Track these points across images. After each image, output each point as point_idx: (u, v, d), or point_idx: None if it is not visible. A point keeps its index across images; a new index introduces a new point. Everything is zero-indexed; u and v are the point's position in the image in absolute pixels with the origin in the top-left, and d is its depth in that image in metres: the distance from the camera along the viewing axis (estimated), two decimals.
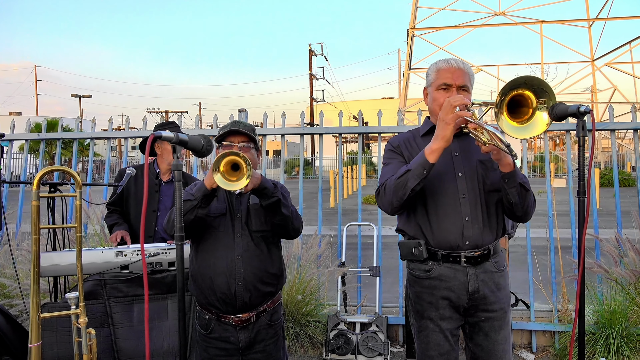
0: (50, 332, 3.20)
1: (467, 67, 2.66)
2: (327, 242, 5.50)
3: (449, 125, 2.36)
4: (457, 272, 2.60)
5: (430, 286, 2.65)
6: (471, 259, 2.58)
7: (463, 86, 2.61)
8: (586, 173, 2.35)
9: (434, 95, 2.67)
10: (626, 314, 4.55)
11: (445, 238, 2.58)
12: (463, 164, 2.64)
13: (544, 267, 5.41)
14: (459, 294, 2.60)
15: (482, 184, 2.61)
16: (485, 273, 2.62)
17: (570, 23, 27.08)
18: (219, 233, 2.76)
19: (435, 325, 2.64)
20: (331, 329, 4.97)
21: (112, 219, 4.16)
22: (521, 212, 2.59)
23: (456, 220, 2.57)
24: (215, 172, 2.42)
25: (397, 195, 2.51)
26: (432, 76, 2.70)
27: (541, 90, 2.14)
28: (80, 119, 7.20)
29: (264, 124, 5.99)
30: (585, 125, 2.31)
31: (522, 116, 2.21)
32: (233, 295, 2.69)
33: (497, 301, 2.65)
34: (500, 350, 2.67)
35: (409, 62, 26.59)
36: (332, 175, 22.93)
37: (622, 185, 5.21)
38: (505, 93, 2.13)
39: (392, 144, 2.83)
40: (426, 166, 2.43)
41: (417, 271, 2.71)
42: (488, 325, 2.66)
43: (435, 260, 2.63)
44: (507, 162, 2.41)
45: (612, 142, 5.34)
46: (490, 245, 2.63)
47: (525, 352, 4.97)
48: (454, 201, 2.59)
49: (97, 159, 34.30)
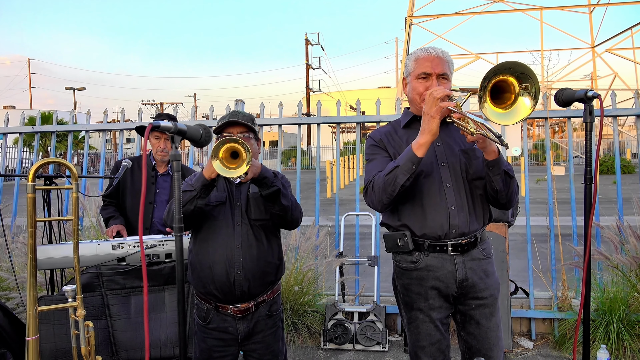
0: (48, 325, 3.19)
1: (446, 55, 2.62)
2: (325, 232, 5.49)
3: (434, 118, 2.34)
4: (444, 262, 2.59)
5: (418, 277, 2.64)
6: (458, 247, 2.58)
7: (443, 74, 2.58)
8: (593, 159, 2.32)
9: (413, 85, 2.64)
10: (627, 300, 4.55)
11: (432, 228, 2.57)
12: (446, 154, 2.63)
13: (543, 255, 5.40)
14: (448, 283, 2.60)
15: (465, 173, 2.60)
16: (472, 261, 2.61)
17: (570, 9, 27.00)
18: (218, 222, 2.74)
19: (425, 315, 2.64)
20: (329, 319, 4.97)
21: (108, 212, 4.14)
22: (505, 199, 2.58)
23: (442, 209, 2.56)
24: (214, 159, 2.39)
25: (386, 192, 2.50)
26: (411, 65, 2.66)
27: (524, 75, 2.12)
28: (75, 112, 7.15)
29: (260, 115, 5.96)
30: (592, 110, 2.28)
31: (504, 102, 2.20)
32: (232, 284, 2.67)
33: (487, 288, 2.65)
34: (492, 337, 2.68)
35: (406, 50, 26.53)
36: (328, 166, 22.91)
37: (622, 172, 5.18)
38: (489, 79, 2.11)
39: (373, 138, 2.79)
40: (415, 161, 2.42)
41: (403, 263, 2.70)
42: (479, 313, 2.65)
43: (422, 251, 2.62)
44: (492, 150, 2.40)
45: (614, 128, 5.28)
46: (477, 233, 2.62)
47: (525, 340, 4.96)
48: (439, 191, 2.58)
49: (92, 152, 34.24)
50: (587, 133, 2.29)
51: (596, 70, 29.34)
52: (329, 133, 46.21)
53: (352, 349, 4.86)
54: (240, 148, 2.37)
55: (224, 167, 2.40)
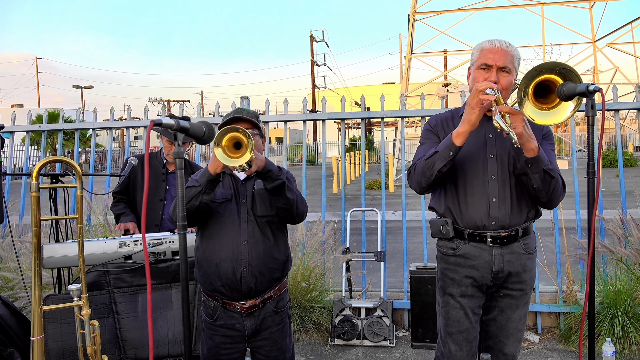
0: (55, 324, 3.20)
1: (512, 48, 2.60)
2: (331, 228, 5.50)
3: (473, 109, 2.41)
4: (482, 252, 2.64)
5: (456, 263, 2.71)
6: (497, 239, 2.62)
7: (504, 67, 2.57)
8: (596, 153, 2.33)
9: (474, 75, 2.66)
10: (631, 293, 4.54)
11: (472, 217, 2.63)
12: (496, 146, 2.66)
13: (548, 248, 5.39)
14: (483, 273, 2.65)
15: (513, 167, 2.62)
16: (512, 254, 2.65)
17: (571, 4, 26.83)
18: (224, 219, 2.75)
19: (456, 301, 2.70)
20: (336, 315, 4.98)
21: (119, 208, 4.15)
22: (545, 198, 2.59)
23: (483, 200, 2.61)
24: (217, 147, 2.41)
25: (425, 176, 2.58)
26: (475, 55, 2.67)
27: (568, 71, 2.18)
28: (82, 110, 7.18)
29: (266, 111, 5.96)
30: (594, 104, 2.28)
31: (549, 102, 2.26)
32: (238, 281, 2.68)
33: (520, 282, 2.70)
34: (512, 328, 2.73)
35: (410, 46, 26.37)
36: (334, 162, 22.88)
37: (624, 165, 5.17)
38: (532, 77, 2.16)
39: (430, 123, 2.87)
40: (452, 149, 2.48)
41: (444, 248, 2.77)
42: (505, 302, 2.71)
43: (462, 239, 2.68)
44: (531, 148, 2.43)
45: (616, 122, 5.28)
46: (518, 227, 2.65)
47: (531, 334, 4.97)
48: (482, 182, 2.62)
49: (99, 150, 34.27)
50: (589, 127, 2.28)
51: (597, 65, 29.14)
52: (334, 129, 46.15)
53: (359, 345, 4.87)
54: (242, 137, 2.39)
55: (226, 156, 2.42)
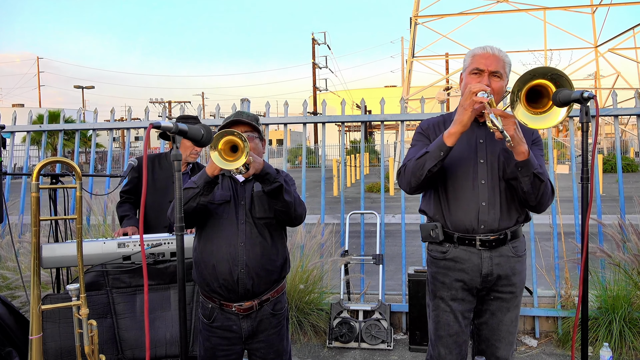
0: (53, 324, 3.20)
1: (503, 54, 2.65)
2: (330, 230, 5.50)
3: (465, 110, 2.44)
4: (471, 255, 2.67)
5: (445, 267, 2.73)
6: (486, 243, 2.65)
7: (496, 72, 2.61)
8: (589, 159, 2.35)
9: (466, 80, 2.69)
10: (629, 298, 4.54)
11: (461, 221, 2.66)
12: (487, 151, 2.69)
13: (546, 253, 5.40)
14: (473, 276, 2.67)
15: (503, 172, 2.64)
16: (501, 257, 2.68)
17: (573, 9, 26.87)
18: (222, 220, 2.76)
19: (446, 305, 2.73)
20: (334, 317, 4.98)
21: (123, 210, 4.11)
22: (534, 201, 2.61)
23: (472, 204, 2.64)
24: (213, 150, 2.43)
25: (415, 175, 2.60)
26: (468, 61, 2.71)
27: (559, 77, 2.22)
28: (83, 110, 7.19)
29: (266, 114, 5.97)
30: (589, 111, 2.31)
31: (540, 106, 2.30)
32: (235, 282, 2.70)
33: (510, 284, 2.72)
34: (504, 331, 2.75)
35: (412, 50, 26.41)
36: (335, 164, 22.91)
37: (625, 170, 5.19)
38: (525, 82, 2.20)
39: (421, 126, 2.89)
40: (443, 149, 2.50)
41: (434, 252, 2.80)
42: (496, 305, 2.73)
43: (452, 243, 2.71)
44: (521, 151, 2.44)
45: (616, 127, 5.29)
46: (507, 230, 2.67)
47: (529, 338, 4.97)
48: (472, 186, 2.65)
49: (100, 150, 34.30)
50: (583, 133, 2.32)
51: (599, 70, 29.15)
52: (335, 131, 46.12)
53: (357, 347, 4.87)
54: (238, 140, 2.41)
55: (222, 159, 2.44)
